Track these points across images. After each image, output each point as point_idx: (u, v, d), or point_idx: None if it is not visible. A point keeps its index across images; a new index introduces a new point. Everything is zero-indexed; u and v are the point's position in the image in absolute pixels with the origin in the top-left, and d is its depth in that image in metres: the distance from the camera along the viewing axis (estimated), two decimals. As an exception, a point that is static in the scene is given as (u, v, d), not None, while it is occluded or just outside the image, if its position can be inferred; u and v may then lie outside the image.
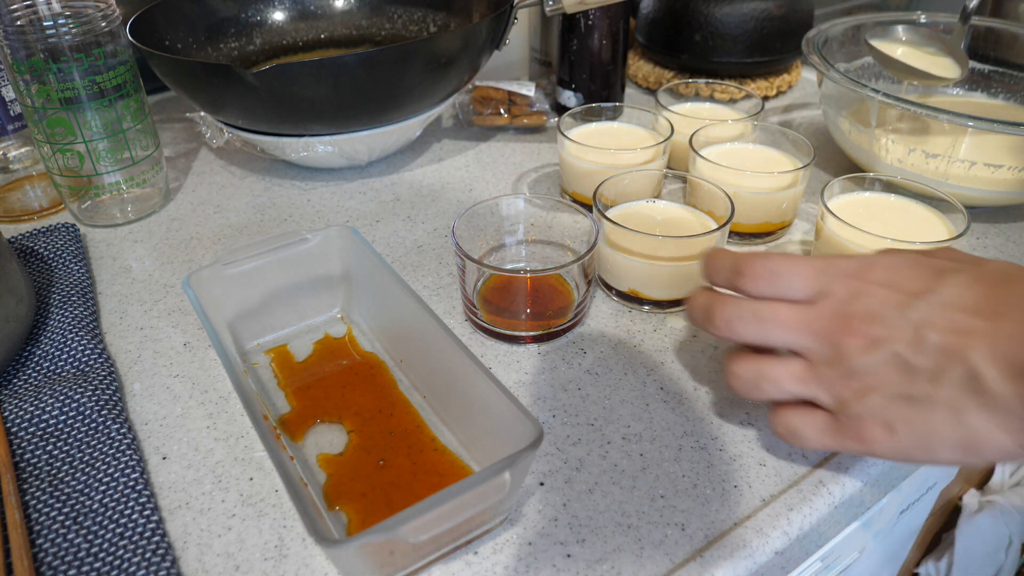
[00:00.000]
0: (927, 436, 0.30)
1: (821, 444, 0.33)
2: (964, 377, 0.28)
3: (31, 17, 0.49)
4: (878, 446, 0.31)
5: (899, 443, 0.30)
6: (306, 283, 0.44)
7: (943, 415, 0.29)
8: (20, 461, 0.37)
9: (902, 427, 0.30)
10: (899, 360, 0.30)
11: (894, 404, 0.30)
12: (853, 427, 0.31)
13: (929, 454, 0.30)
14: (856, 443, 0.31)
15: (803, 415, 0.33)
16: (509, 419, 0.32)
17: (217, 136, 0.64)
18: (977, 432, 0.29)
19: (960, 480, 0.76)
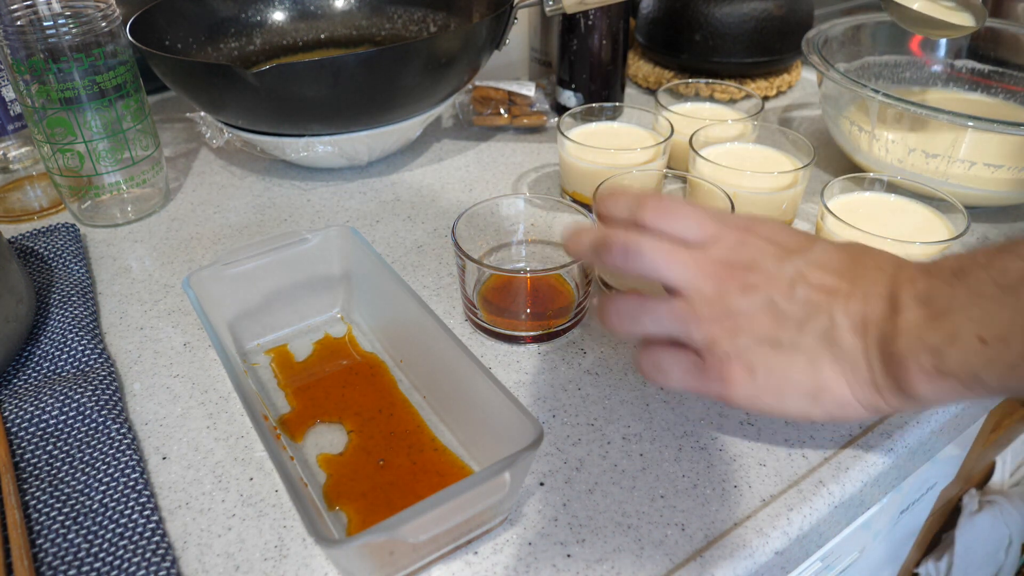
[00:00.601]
0: (783, 382, 0.32)
1: (683, 383, 0.34)
2: (824, 329, 0.31)
3: (31, 17, 0.49)
4: (736, 388, 0.32)
5: (756, 387, 0.32)
6: (306, 283, 0.44)
7: (802, 363, 0.31)
8: (20, 461, 0.37)
9: (762, 371, 0.32)
10: (771, 306, 0.32)
11: (760, 347, 0.32)
12: (717, 367, 0.32)
13: (780, 401, 0.32)
14: (717, 384, 0.32)
15: (672, 353, 0.34)
16: (509, 419, 0.32)
17: (217, 136, 0.64)
18: (825, 381, 0.31)
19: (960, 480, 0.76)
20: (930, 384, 0.29)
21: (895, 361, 0.29)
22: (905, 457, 0.39)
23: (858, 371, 0.31)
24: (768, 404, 0.32)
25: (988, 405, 0.45)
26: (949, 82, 0.69)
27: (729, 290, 0.32)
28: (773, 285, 0.32)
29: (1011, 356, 0.26)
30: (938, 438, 0.41)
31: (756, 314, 0.32)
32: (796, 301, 0.31)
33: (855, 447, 0.38)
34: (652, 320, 0.34)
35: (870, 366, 0.30)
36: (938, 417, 0.40)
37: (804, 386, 0.31)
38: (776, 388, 0.32)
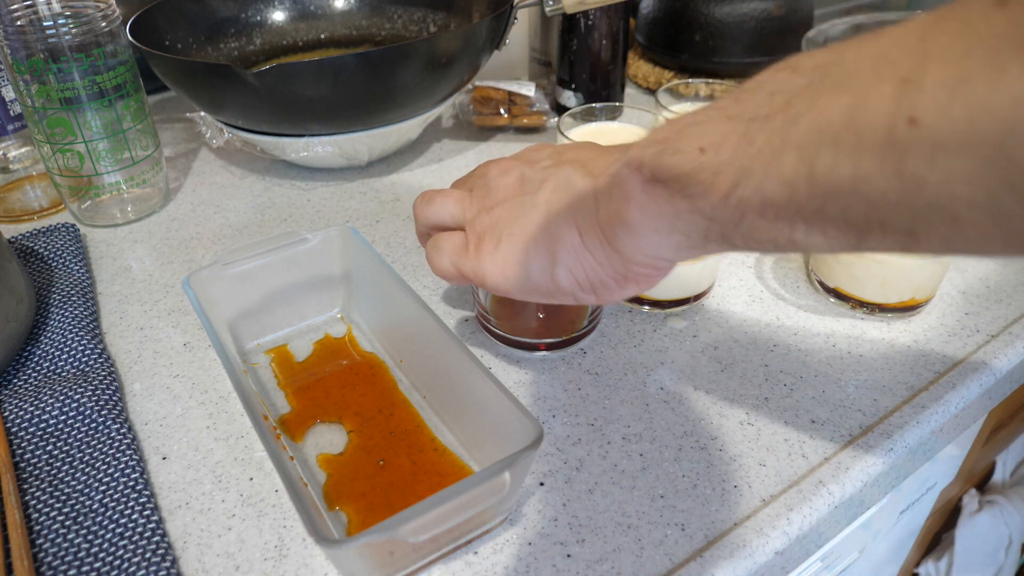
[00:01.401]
0: (524, 242, 0.31)
1: (450, 258, 0.35)
2: (561, 181, 0.31)
3: (31, 17, 0.49)
4: (486, 260, 0.33)
5: (503, 255, 0.32)
6: (306, 283, 0.44)
7: (538, 217, 0.31)
8: (20, 461, 0.37)
9: (506, 235, 0.32)
10: (521, 177, 0.34)
11: (507, 213, 0.33)
12: (474, 240, 0.34)
13: (525, 267, 0.31)
14: (474, 258, 0.33)
15: (451, 234, 0.36)
16: (509, 419, 0.32)
17: (217, 136, 0.64)
18: (557, 229, 0.30)
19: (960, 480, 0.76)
20: (645, 198, 0.26)
21: (617, 182, 0.28)
22: (905, 457, 0.39)
23: (585, 208, 0.29)
24: (515, 273, 0.32)
25: (988, 405, 0.45)
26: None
27: (491, 173, 0.35)
28: (527, 164, 0.34)
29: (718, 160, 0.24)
30: (938, 438, 0.41)
31: (507, 187, 0.34)
32: (542, 169, 0.33)
33: (855, 447, 0.38)
34: (440, 203, 0.36)
35: (597, 199, 0.29)
36: (938, 417, 0.40)
37: (544, 241, 0.31)
38: (519, 253, 0.32)
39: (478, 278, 0.33)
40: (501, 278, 0.32)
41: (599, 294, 0.31)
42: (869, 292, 0.45)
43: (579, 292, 0.31)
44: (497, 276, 0.33)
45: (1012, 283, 0.49)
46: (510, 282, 0.32)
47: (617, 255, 0.29)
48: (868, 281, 0.45)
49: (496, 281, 0.33)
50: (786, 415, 0.39)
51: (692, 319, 0.46)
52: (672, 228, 0.26)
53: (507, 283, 0.32)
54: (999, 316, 0.46)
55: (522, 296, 0.33)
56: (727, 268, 0.51)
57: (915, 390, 0.41)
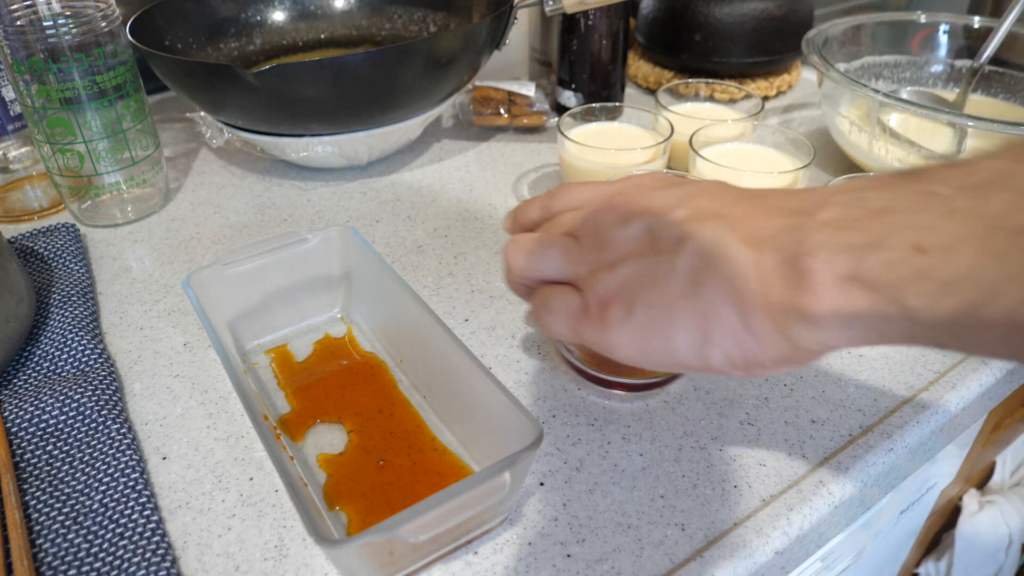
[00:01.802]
0: (665, 316, 0.27)
1: (567, 322, 0.30)
2: (708, 243, 0.26)
3: (31, 17, 0.49)
4: (615, 330, 0.28)
5: (637, 326, 0.28)
6: (306, 283, 0.44)
7: (681, 286, 0.27)
8: (20, 461, 0.37)
9: (640, 303, 0.28)
10: (648, 230, 0.28)
11: (638, 276, 0.28)
12: (596, 306, 0.29)
13: (668, 343, 0.27)
14: (598, 327, 0.29)
15: (563, 291, 0.31)
16: (509, 419, 0.32)
17: (217, 136, 0.64)
18: (710, 307, 0.26)
19: (960, 480, 0.76)
20: (838, 296, 0.22)
21: (798, 265, 0.23)
22: (905, 457, 0.39)
23: (747, 289, 0.25)
24: (654, 349, 0.28)
25: (988, 405, 0.45)
26: (949, 82, 0.69)
27: (607, 220, 0.30)
28: (651, 212, 0.28)
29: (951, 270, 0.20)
30: (938, 438, 0.41)
31: (632, 244, 0.29)
32: (675, 223, 0.27)
33: (855, 447, 0.38)
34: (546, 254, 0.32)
35: (764, 279, 0.24)
36: (938, 417, 0.40)
37: (689, 315, 0.26)
38: (659, 326, 0.27)
39: (605, 348, 0.29)
40: (635, 351, 0.28)
41: (752, 372, 0.27)
42: None
43: (731, 370, 0.27)
44: (630, 349, 0.28)
45: (1012, 283, 0.49)
46: (647, 357, 0.28)
47: (787, 342, 0.25)
48: None
49: (628, 354, 0.29)
50: (786, 415, 0.39)
51: (692, 319, 0.46)
52: (867, 328, 0.23)
53: (643, 357, 0.28)
54: (999, 316, 0.46)
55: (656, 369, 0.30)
56: (727, 268, 0.51)
57: (915, 390, 0.41)
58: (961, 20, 0.67)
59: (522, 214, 0.36)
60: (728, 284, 0.25)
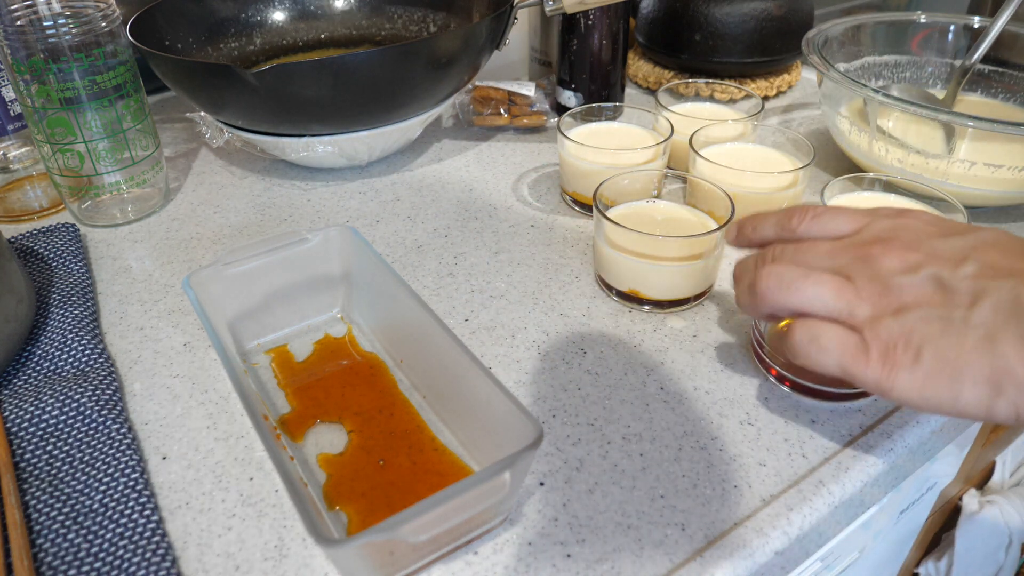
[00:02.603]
0: (956, 365, 0.28)
1: (840, 361, 0.30)
2: (1003, 301, 0.27)
3: (31, 17, 0.49)
4: (902, 374, 0.29)
5: (924, 372, 0.28)
6: (306, 283, 0.44)
7: (975, 340, 0.28)
8: (20, 461, 0.37)
9: (930, 352, 0.28)
10: (938, 281, 0.29)
11: (928, 325, 0.28)
12: (881, 348, 0.29)
13: (953, 390, 0.28)
14: (881, 368, 0.29)
15: (831, 326, 0.31)
16: (509, 419, 0.32)
17: (217, 136, 0.64)
18: (1007, 362, 0.27)
19: (960, 480, 0.76)
20: None
21: None
22: (905, 457, 0.39)
23: None
24: (938, 395, 0.28)
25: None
26: (949, 82, 0.69)
27: (889, 266, 0.30)
28: (938, 262, 0.29)
29: None
30: (938, 438, 0.41)
31: (921, 291, 0.29)
32: (966, 277, 0.29)
33: (855, 447, 0.38)
34: (814, 291, 0.31)
35: None
36: (938, 417, 0.40)
37: (981, 369, 0.27)
38: (948, 373, 0.28)
39: (881, 390, 0.29)
40: (916, 396, 0.29)
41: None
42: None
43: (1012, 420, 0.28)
44: (911, 394, 0.29)
45: (1012, 283, 0.49)
46: (928, 402, 0.28)
47: None
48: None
49: (909, 397, 0.29)
50: (786, 415, 0.39)
51: (692, 319, 0.46)
52: None
53: (924, 403, 0.29)
54: (999, 316, 0.46)
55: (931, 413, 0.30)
56: (727, 268, 0.51)
57: (915, 390, 0.41)
58: (961, 20, 0.67)
59: (754, 231, 0.35)
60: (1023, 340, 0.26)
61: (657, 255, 0.45)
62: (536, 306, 0.48)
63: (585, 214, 0.58)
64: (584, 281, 0.50)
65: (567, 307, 0.47)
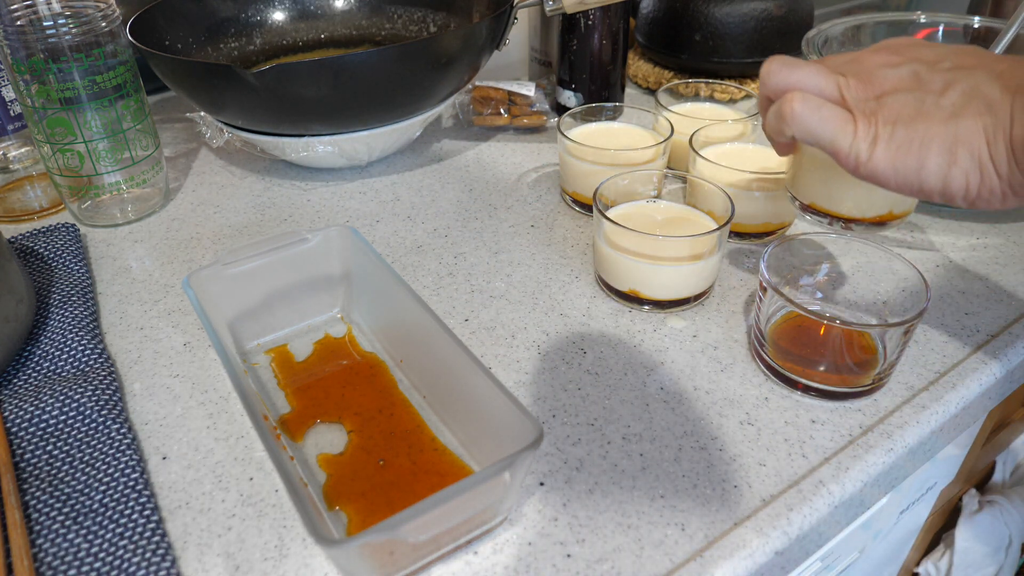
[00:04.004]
0: (924, 137, 0.32)
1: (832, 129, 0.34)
2: (969, 87, 0.32)
3: (31, 17, 0.49)
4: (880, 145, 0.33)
5: (897, 143, 0.32)
6: (306, 283, 0.44)
7: (942, 118, 0.32)
8: (20, 461, 0.37)
9: (904, 128, 0.32)
10: (916, 74, 0.34)
11: (905, 107, 0.33)
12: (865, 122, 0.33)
13: (920, 160, 0.32)
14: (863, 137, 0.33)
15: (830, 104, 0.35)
16: (509, 419, 0.32)
17: (217, 136, 0.64)
18: (963, 132, 0.31)
19: (960, 480, 0.76)
20: None
21: None
22: (905, 457, 0.39)
23: (999, 122, 0.30)
24: (907, 165, 0.32)
25: (988, 405, 0.45)
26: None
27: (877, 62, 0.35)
28: (918, 61, 0.34)
29: None
30: (938, 438, 0.41)
31: (901, 80, 0.34)
32: (940, 71, 0.33)
33: (855, 447, 0.38)
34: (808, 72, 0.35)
35: (1013, 115, 0.30)
36: (938, 417, 0.40)
37: (944, 140, 0.31)
38: (917, 144, 0.32)
39: (856, 160, 0.34)
40: (889, 167, 0.33)
41: (977, 203, 0.32)
42: (845, 207, 0.44)
43: (961, 197, 0.32)
44: (885, 164, 0.33)
45: (1012, 283, 0.49)
46: (898, 173, 0.33)
47: (1020, 173, 0.30)
48: (844, 197, 0.43)
49: (881, 168, 0.33)
50: (786, 415, 0.39)
51: (692, 319, 0.46)
52: None
53: (894, 174, 0.33)
54: (999, 316, 0.46)
55: (895, 188, 0.34)
56: (727, 268, 0.51)
57: (915, 390, 0.41)
58: (961, 20, 0.67)
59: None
60: (983, 117, 0.31)
61: (657, 255, 0.45)
62: (536, 306, 0.48)
63: (585, 214, 0.58)
64: (584, 281, 0.50)
65: (567, 307, 0.47)
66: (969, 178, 0.32)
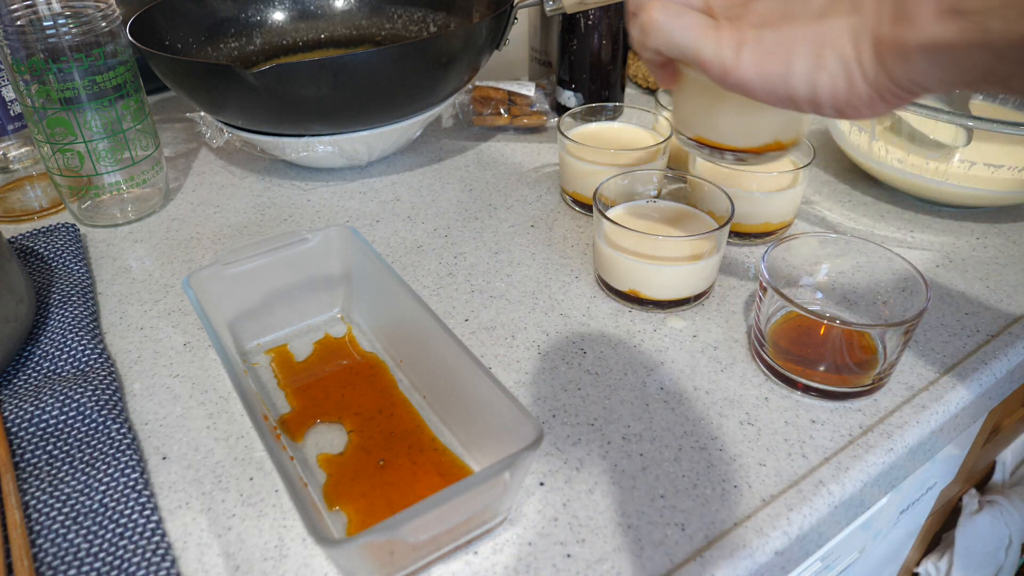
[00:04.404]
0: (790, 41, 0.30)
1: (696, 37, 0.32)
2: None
3: (31, 17, 0.49)
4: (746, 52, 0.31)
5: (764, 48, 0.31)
6: (306, 283, 0.44)
7: (808, 19, 0.30)
8: (20, 461, 0.37)
9: (771, 32, 0.31)
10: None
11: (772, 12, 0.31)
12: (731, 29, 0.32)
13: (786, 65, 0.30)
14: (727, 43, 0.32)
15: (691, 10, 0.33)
16: (509, 419, 0.32)
17: (217, 136, 0.64)
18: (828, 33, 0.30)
19: (960, 480, 0.76)
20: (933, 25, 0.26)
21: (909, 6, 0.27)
22: (905, 457, 0.39)
23: (865, 20, 0.29)
24: (774, 72, 0.31)
25: (988, 405, 0.45)
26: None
27: None
28: None
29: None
30: (938, 438, 0.41)
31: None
32: None
33: (855, 447, 0.38)
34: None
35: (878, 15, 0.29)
36: (938, 417, 0.40)
37: (810, 43, 0.30)
38: (783, 48, 0.31)
39: (722, 68, 0.32)
40: (754, 72, 0.31)
41: (846, 111, 0.31)
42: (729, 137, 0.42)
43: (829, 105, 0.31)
44: (752, 71, 0.31)
45: (1012, 283, 0.49)
46: (766, 80, 0.31)
47: (885, 75, 0.29)
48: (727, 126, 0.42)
49: (746, 76, 0.31)
50: (786, 415, 0.39)
51: (692, 319, 0.46)
52: (954, 64, 0.26)
53: (760, 79, 0.31)
54: (999, 316, 0.46)
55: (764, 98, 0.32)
56: (727, 268, 0.51)
57: (915, 390, 0.41)
58: None
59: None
60: (850, 17, 0.29)
61: (657, 255, 0.45)
62: (536, 306, 0.48)
63: (585, 214, 0.58)
64: (584, 281, 0.50)
65: (567, 307, 0.47)
66: (836, 82, 0.30)
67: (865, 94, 0.30)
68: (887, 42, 0.28)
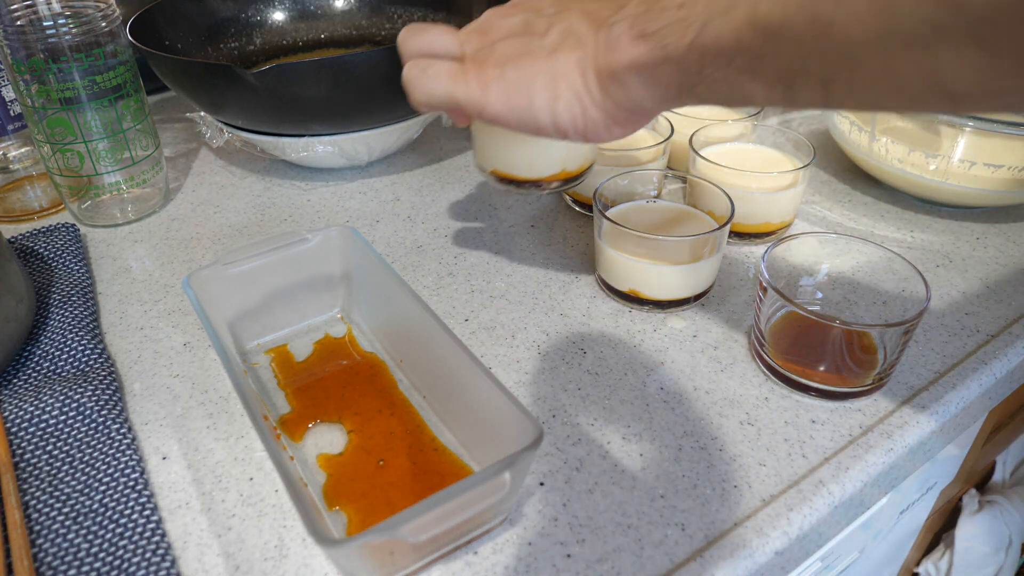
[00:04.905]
0: (529, 75, 0.34)
1: (446, 84, 0.36)
2: (566, 26, 0.34)
3: (31, 17, 0.49)
4: (491, 87, 0.35)
5: (507, 83, 0.34)
6: (306, 283, 0.44)
7: (543, 56, 0.34)
8: (20, 461, 0.37)
9: (512, 69, 0.35)
10: (526, 21, 0.36)
11: (512, 50, 0.35)
12: (475, 68, 0.35)
13: (528, 96, 0.34)
14: (476, 85, 0.35)
15: (439, 60, 0.37)
16: (509, 419, 0.32)
17: (217, 136, 0.64)
18: (561, 67, 0.33)
19: (960, 480, 0.76)
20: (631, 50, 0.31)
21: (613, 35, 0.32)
22: (905, 457, 0.39)
23: (587, 54, 0.33)
24: (519, 103, 0.34)
25: (988, 405, 0.45)
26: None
27: (493, 15, 0.38)
28: (530, 11, 0.37)
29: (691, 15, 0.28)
30: (938, 438, 0.41)
31: (512, 28, 0.36)
32: (545, 16, 0.36)
33: (855, 447, 0.38)
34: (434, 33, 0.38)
35: (598, 48, 0.32)
36: (938, 417, 0.40)
37: (545, 76, 0.34)
38: (524, 83, 0.34)
39: (476, 104, 0.35)
40: (504, 107, 0.35)
41: (589, 136, 0.35)
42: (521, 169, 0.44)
43: (572, 131, 0.34)
44: (500, 105, 0.35)
45: (1012, 283, 0.49)
46: (513, 112, 0.34)
47: (609, 99, 0.33)
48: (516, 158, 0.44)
49: (497, 110, 0.35)
50: (786, 415, 0.39)
51: (692, 319, 0.46)
52: (654, 80, 0.31)
53: (509, 112, 0.35)
54: (999, 316, 0.46)
55: (519, 128, 0.35)
56: (727, 268, 0.51)
57: (915, 390, 0.41)
58: None
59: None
60: (576, 52, 0.33)
61: (657, 255, 0.45)
62: (536, 306, 0.48)
63: (585, 214, 0.58)
64: (584, 281, 0.50)
65: (567, 307, 0.47)
66: (573, 110, 0.34)
67: (599, 118, 0.34)
68: (604, 69, 0.32)
